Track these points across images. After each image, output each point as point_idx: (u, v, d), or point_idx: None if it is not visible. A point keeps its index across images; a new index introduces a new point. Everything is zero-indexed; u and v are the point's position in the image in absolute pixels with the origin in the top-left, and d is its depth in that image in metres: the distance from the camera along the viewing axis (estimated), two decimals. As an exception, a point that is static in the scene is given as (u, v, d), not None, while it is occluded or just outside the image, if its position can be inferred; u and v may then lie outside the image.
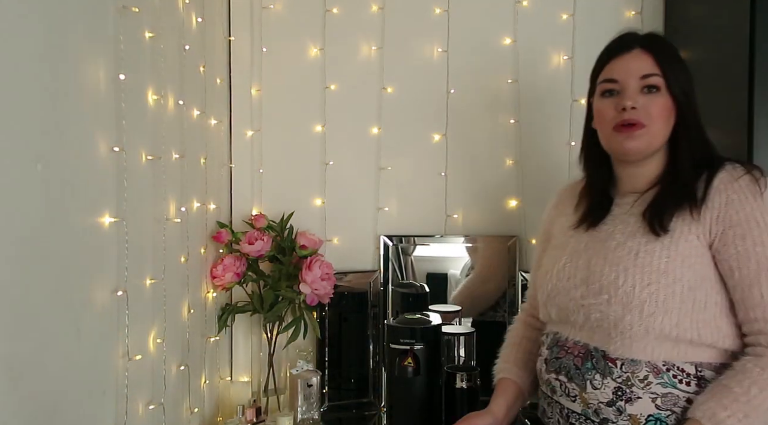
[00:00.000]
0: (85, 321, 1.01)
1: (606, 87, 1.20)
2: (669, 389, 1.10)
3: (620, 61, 1.18)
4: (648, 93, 1.16)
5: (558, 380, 1.22)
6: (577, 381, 1.18)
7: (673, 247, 1.12)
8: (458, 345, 1.76)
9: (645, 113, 1.15)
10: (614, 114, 1.17)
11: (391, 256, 1.94)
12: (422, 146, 1.98)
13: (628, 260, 1.14)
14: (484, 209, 1.98)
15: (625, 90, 1.16)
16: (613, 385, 1.13)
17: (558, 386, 1.22)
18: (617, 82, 1.18)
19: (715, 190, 1.12)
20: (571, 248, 1.25)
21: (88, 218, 1.02)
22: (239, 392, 1.89)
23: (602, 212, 1.24)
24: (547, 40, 1.95)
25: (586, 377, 1.16)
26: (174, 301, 1.40)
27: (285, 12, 1.97)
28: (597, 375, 1.15)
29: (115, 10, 1.11)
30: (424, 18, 1.97)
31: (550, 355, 1.25)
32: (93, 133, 1.03)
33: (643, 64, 1.16)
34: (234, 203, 1.96)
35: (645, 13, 1.92)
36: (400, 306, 1.92)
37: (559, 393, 1.22)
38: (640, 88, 1.16)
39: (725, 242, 1.10)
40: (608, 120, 1.18)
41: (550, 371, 1.24)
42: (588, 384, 1.16)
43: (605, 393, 1.14)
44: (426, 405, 1.60)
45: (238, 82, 1.95)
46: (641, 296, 1.10)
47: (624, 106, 1.15)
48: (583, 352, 1.18)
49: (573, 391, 1.19)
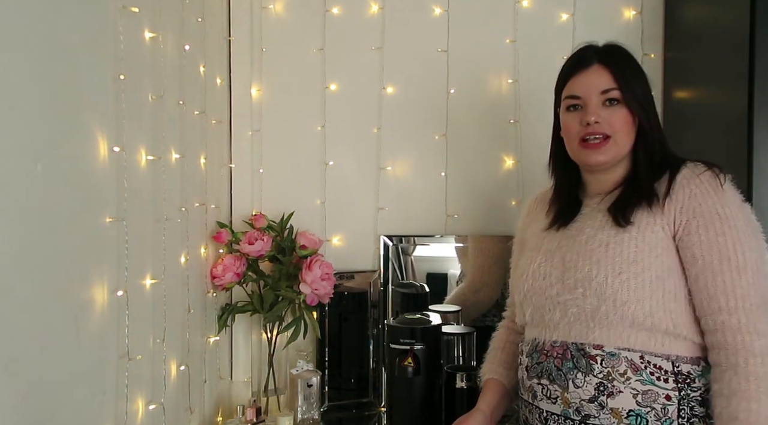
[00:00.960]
0: (85, 321, 1.01)
1: (570, 103, 1.26)
2: (648, 386, 1.13)
3: (581, 78, 1.24)
4: (609, 106, 1.22)
5: (540, 384, 1.24)
6: (559, 382, 1.20)
7: (640, 237, 1.16)
8: (458, 345, 1.76)
9: (607, 124, 1.21)
10: (579, 128, 1.24)
11: (391, 256, 1.94)
12: (422, 146, 1.98)
13: (600, 251, 1.18)
14: (484, 209, 1.98)
15: (588, 105, 1.23)
16: (595, 381, 1.16)
17: (539, 390, 1.24)
18: (580, 98, 1.24)
19: (678, 185, 1.18)
20: (545, 248, 1.29)
21: (88, 218, 1.02)
22: (239, 392, 1.89)
23: (572, 212, 1.30)
24: (547, 40, 1.95)
25: (568, 377, 1.19)
26: (174, 301, 1.40)
27: (285, 12, 1.97)
28: (579, 373, 1.17)
29: (115, 10, 1.11)
30: (424, 18, 1.97)
31: (531, 362, 1.27)
32: (93, 133, 1.03)
33: (602, 80, 1.22)
34: (234, 203, 1.96)
35: (645, 13, 1.93)
36: (400, 306, 1.92)
37: (539, 397, 1.24)
38: (601, 102, 1.22)
39: (689, 232, 1.15)
40: (574, 133, 1.25)
41: (532, 377, 1.26)
42: (570, 384, 1.18)
43: (587, 390, 1.16)
44: (426, 405, 1.61)
45: (238, 82, 1.95)
46: (614, 286, 1.15)
47: (588, 121, 1.22)
48: (561, 352, 1.21)
49: (554, 393, 1.21)
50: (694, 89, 1.73)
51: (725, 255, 1.12)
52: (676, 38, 1.86)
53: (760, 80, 1.43)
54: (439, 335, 1.66)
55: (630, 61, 1.27)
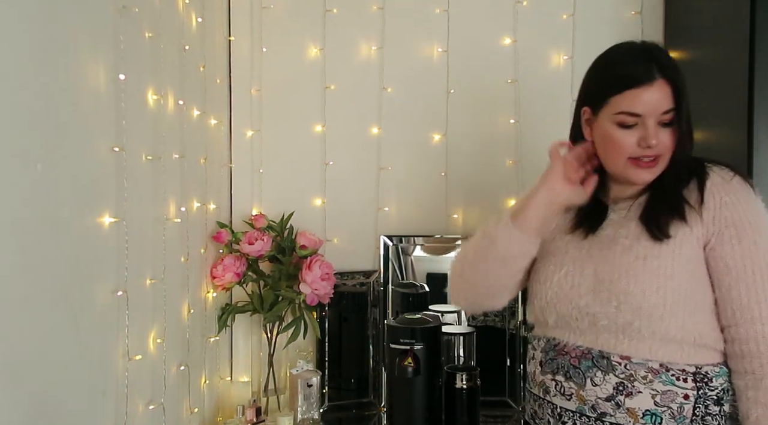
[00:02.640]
0: (85, 321, 1.01)
1: (625, 120, 1.14)
2: (668, 386, 1.13)
3: (644, 94, 1.13)
4: (663, 126, 1.15)
5: (554, 380, 1.23)
6: (576, 380, 1.19)
7: (677, 250, 1.13)
8: (458, 345, 1.76)
9: (663, 146, 1.15)
10: (634, 148, 1.15)
11: (391, 256, 1.94)
12: (422, 146, 1.98)
13: (637, 265, 1.14)
14: (484, 209, 1.98)
15: (648, 126, 1.13)
16: (614, 381, 1.15)
17: (553, 386, 1.23)
18: (638, 116, 1.13)
19: (708, 192, 1.15)
20: (571, 255, 1.24)
21: (88, 218, 1.02)
22: (239, 392, 1.89)
23: (598, 218, 1.24)
24: (547, 40, 1.95)
25: (587, 375, 1.17)
26: (174, 301, 1.41)
27: (285, 12, 1.97)
28: (598, 372, 1.16)
29: (115, 10, 1.11)
30: (424, 18, 1.96)
31: (545, 357, 1.25)
32: (93, 133, 1.03)
33: (665, 99, 1.13)
34: (234, 203, 1.96)
35: (645, 13, 1.92)
36: (400, 306, 1.92)
37: (552, 393, 1.23)
38: (658, 122, 1.14)
39: (722, 241, 1.13)
40: (624, 152, 1.16)
41: (546, 372, 1.25)
42: (588, 382, 1.17)
43: (605, 388, 1.15)
44: (426, 405, 1.60)
45: (238, 82, 1.95)
46: (650, 301, 1.12)
47: (649, 144, 1.13)
48: (581, 353, 1.20)
49: (569, 390, 1.20)
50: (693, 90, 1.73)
51: (758, 265, 1.11)
52: (676, 38, 1.86)
53: (760, 80, 1.43)
54: (439, 335, 1.65)
55: (681, 72, 1.17)
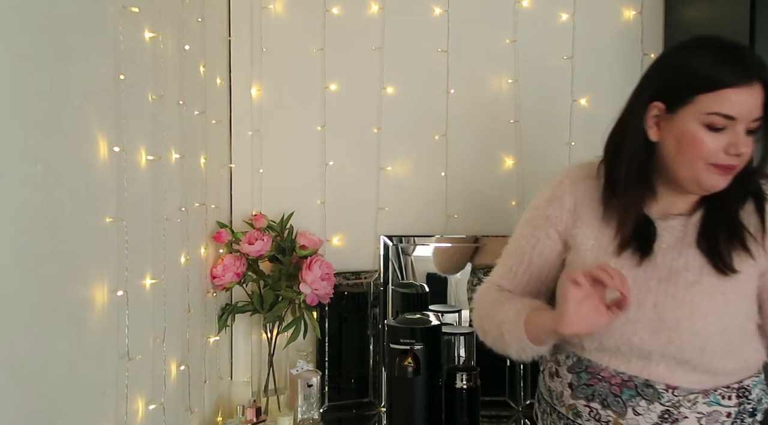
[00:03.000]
0: (85, 320, 1.00)
1: (715, 121, 1.02)
2: (714, 407, 1.09)
3: (741, 96, 1.01)
4: (747, 134, 1.04)
5: (588, 407, 1.13)
6: (615, 409, 1.11)
7: (742, 285, 1.07)
8: (458, 345, 1.76)
9: (746, 156, 1.06)
10: (719, 154, 1.03)
11: (391, 256, 1.94)
12: (422, 146, 1.98)
13: (703, 303, 1.06)
14: (484, 209, 1.98)
15: (739, 133, 1.03)
16: (660, 409, 1.08)
17: (586, 412, 1.14)
18: (734, 120, 1.02)
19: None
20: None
21: (88, 218, 1.02)
22: (239, 392, 1.89)
23: (649, 238, 1.11)
24: (547, 40, 1.95)
25: (628, 404, 1.10)
26: (174, 301, 1.40)
27: (285, 12, 1.97)
28: (642, 401, 1.09)
29: (115, 10, 1.11)
30: (424, 18, 1.96)
31: (578, 381, 1.15)
32: (93, 133, 1.03)
33: (758, 106, 1.03)
34: (234, 203, 1.96)
35: (645, 13, 1.92)
36: (400, 306, 1.92)
37: (585, 417, 1.14)
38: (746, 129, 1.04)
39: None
40: (706, 156, 1.04)
41: (578, 397, 1.15)
42: (629, 411, 1.09)
43: (649, 417, 1.08)
44: (426, 405, 1.61)
45: (238, 82, 1.95)
46: (716, 341, 1.06)
47: (739, 152, 1.03)
48: (621, 381, 1.11)
49: (606, 417, 1.11)
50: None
51: None
52: (676, 38, 1.85)
53: (760, 80, 1.43)
54: (439, 335, 1.66)
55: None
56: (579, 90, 1.93)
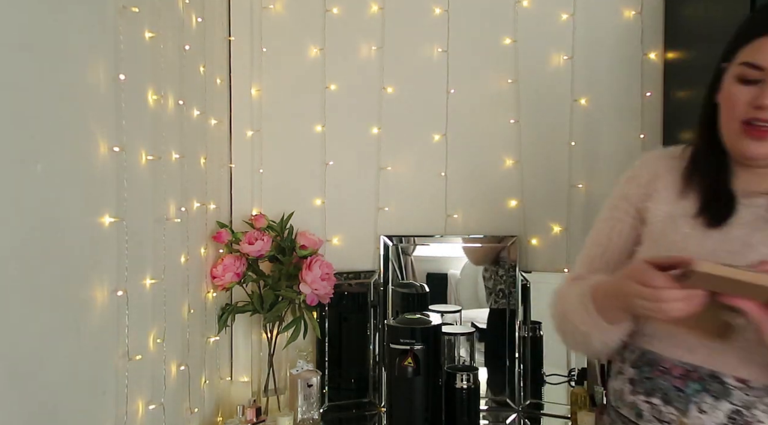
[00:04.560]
0: (85, 321, 1.01)
1: (746, 72, 0.97)
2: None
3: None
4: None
5: (648, 402, 1.03)
6: (678, 405, 1.00)
7: None
8: (458, 345, 1.76)
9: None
10: (746, 108, 0.97)
11: (391, 256, 1.94)
12: (422, 146, 1.98)
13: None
14: (484, 209, 1.98)
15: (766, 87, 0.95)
16: (728, 408, 0.96)
17: (647, 409, 1.04)
18: (763, 70, 0.95)
19: None
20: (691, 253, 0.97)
21: (88, 218, 1.02)
22: (239, 392, 1.89)
23: (725, 209, 1.02)
24: (547, 40, 1.95)
25: (693, 399, 0.98)
26: (174, 301, 1.40)
27: (285, 12, 1.97)
28: (708, 397, 0.97)
29: (115, 10, 1.11)
30: (424, 18, 1.97)
31: (639, 375, 1.06)
32: (93, 133, 1.03)
33: None
34: (234, 203, 1.96)
35: (645, 13, 1.92)
36: (400, 306, 1.93)
37: (646, 417, 1.03)
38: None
39: None
40: (737, 113, 0.98)
41: (638, 392, 1.05)
42: (693, 408, 0.98)
43: (716, 416, 0.96)
44: (426, 405, 1.61)
45: (238, 82, 1.95)
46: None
47: (762, 104, 0.95)
48: (685, 372, 1.01)
49: (668, 415, 1.01)
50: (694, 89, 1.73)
51: None
52: (676, 38, 1.86)
53: (760, 80, 1.42)
54: (439, 335, 1.66)
55: None
56: (579, 90, 1.93)
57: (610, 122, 1.94)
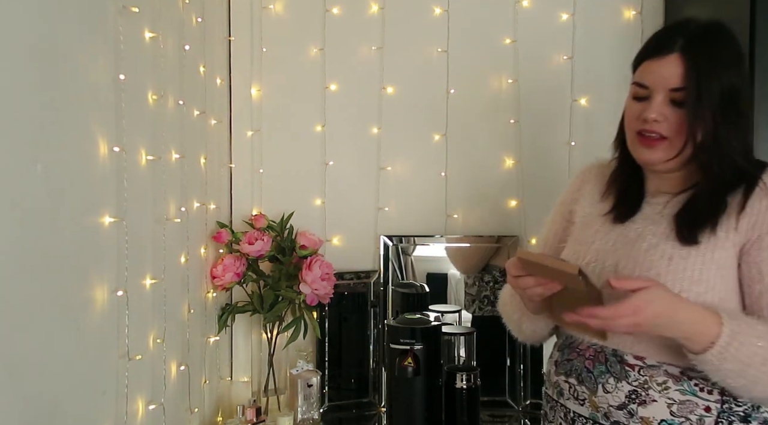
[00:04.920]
0: (85, 321, 1.01)
1: (637, 91, 1.12)
2: (688, 396, 1.06)
3: (654, 66, 1.09)
4: (676, 106, 1.08)
5: (567, 382, 1.18)
6: (588, 385, 1.14)
7: (708, 255, 1.06)
8: (458, 345, 1.76)
9: (668, 126, 1.08)
10: (637, 121, 1.12)
11: (391, 256, 1.94)
12: (422, 146, 1.98)
13: (661, 265, 1.07)
14: (484, 209, 1.98)
15: (652, 100, 1.09)
16: (627, 389, 1.09)
17: (567, 389, 1.18)
18: (647, 88, 1.10)
19: (755, 196, 1.06)
20: (596, 246, 1.17)
21: (88, 218, 1.02)
22: (239, 392, 1.89)
23: (632, 207, 1.17)
24: (547, 40, 1.95)
25: (599, 380, 1.12)
26: (174, 301, 1.41)
27: (285, 12, 1.97)
28: (611, 378, 1.11)
29: (115, 10, 1.11)
30: (424, 18, 1.96)
31: (561, 357, 1.21)
32: (93, 133, 1.03)
33: (674, 75, 1.07)
34: (234, 203, 1.96)
35: (645, 13, 1.92)
36: (400, 306, 1.93)
37: (566, 396, 1.18)
38: (668, 100, 1.08)
39: (759, 247, 1.04)
40: (632, 125, 1.13)
41: (560, 373, 1.20)
42: (599, 388, 1.12)
43: (617, 396, 1.10)
44: (426, 405, 1.61)
45: (238, 82, 1.95)
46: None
47: (646, 117, 1.09)
48: (594, 354, 1.14)
49: (582, 394, 1.15)
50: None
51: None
52: (676, 38, 1.86)
53: (759, 80, 1.43)
54: (439, 335, 1.66)
55: (721, 53, 1.08)
56: (579, 90, 1.93)
57: (610, 121, 1.93)
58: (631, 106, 1.14)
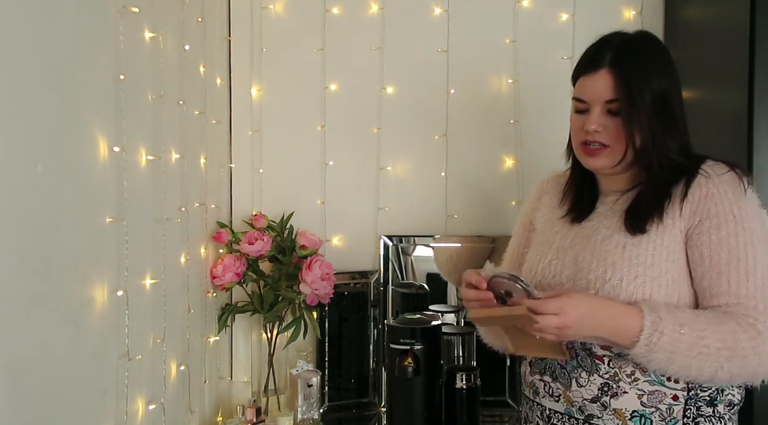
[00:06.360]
0: (85, 320, 1.01)
1: (577, 105, 1.23)
2: (656, 386, 1.12)
3: (588, 82, 1.19)
4: (613, 115, 1.17)
5: (542, 380, 1.23)
6: (562, 380, 1.19)
7: (659, 240, 1.13)
8: (458, 345, 1.76)
9: (608, 135, 1.17)
10: (580, 133, 1.21)
11: (391, 256, 1.94)
12: (422, 146, 1.98)
13: (615, 253, 1.14)
14: (484, 209, 1.98)
15: (591, 112, 1.18)
16: (599, 382, 1.15)
17: (542, 387, 1.23)
18: (585, 102, 1.20)
19: (695, 185, 1.14)
20: (556, 244, 1.25)
21: (88, 218, 1.02)
22: (239, 392, 1.89)
23: (588, 208, 1.26)
24: (547, 40, 1.95)
25: (572, 375, 1.17)
26: (174, 301, 1.40)
27: (285, 12, 1.97)
28: (583, 372, 1.16)
29: (115, 10, 1.11)
30: (424, 18, 1.96)
31: (534, 357, 1.25)
32: (93, 133, 1.03)
33: (607, 88, 1.16)
34: (234, 203, 1.96)
35: (645, 13, 1.92)
36: (400, 306, 1.92)
37: (542, 394, 1.23)
38: (605, 111, 1.17)
39: (700, 232, 1.11)
40: (576, 137, 1.23)
41: (535, 372, 1.25)
42: (573, 383, 1.17)
43: (590, 389, 1.15)
44: (426, 405, 1.60)
45: (238, 82, 1.95)
46: (628, 289, 1.11)
47: (587, 129, 1.18)
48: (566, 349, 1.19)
49: (557, 391, 1.20)
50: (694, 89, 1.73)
51: (734, 256, 1.08)
52: (676, 38, 1.86)
53: (760, 80, 1.43)
54: (439, 335, 1.65)
55: (648, 61, 1.17)
56: (579, 90, 1.93)
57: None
58: (573, 119, 1.24)
